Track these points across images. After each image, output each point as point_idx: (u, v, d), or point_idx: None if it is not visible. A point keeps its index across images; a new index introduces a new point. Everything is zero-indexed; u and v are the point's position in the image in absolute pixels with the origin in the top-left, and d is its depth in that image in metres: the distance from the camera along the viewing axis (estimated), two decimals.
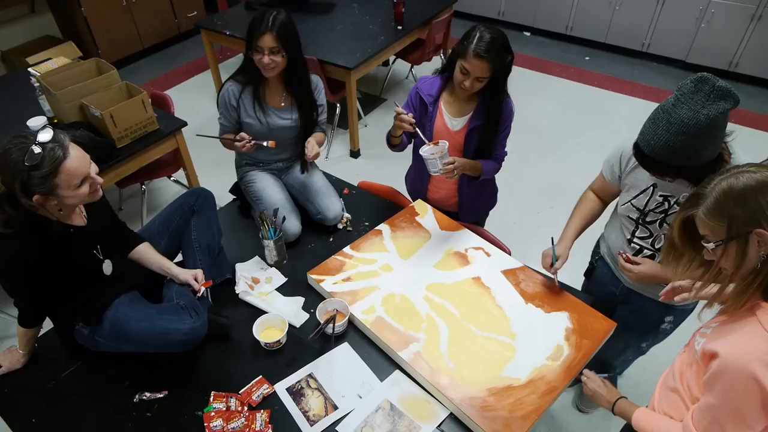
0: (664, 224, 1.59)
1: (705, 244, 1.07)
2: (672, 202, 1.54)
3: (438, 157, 1.83)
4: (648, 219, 1.62)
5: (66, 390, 1.62)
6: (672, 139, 1.28)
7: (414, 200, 2.25)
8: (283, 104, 2.13)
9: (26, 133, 1.33)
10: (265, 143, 2.03)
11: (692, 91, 1.26)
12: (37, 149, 1.29)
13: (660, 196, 1.56)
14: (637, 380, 2.46)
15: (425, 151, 1.86)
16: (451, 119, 1.98)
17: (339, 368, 1.65)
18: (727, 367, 1.04)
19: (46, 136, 1.32)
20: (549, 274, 1.82)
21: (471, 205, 2.21)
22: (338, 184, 2.37)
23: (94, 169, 1.44)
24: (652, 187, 1.57)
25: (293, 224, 2.07)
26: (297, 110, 2.14)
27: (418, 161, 2.09)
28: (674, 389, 1.27)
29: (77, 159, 1.36)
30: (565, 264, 1.76)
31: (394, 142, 2.04)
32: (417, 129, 1.89)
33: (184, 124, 2.90)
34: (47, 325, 1.67)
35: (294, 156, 2.26)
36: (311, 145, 2.11)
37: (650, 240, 1.65)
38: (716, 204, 1.02)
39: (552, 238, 1.79)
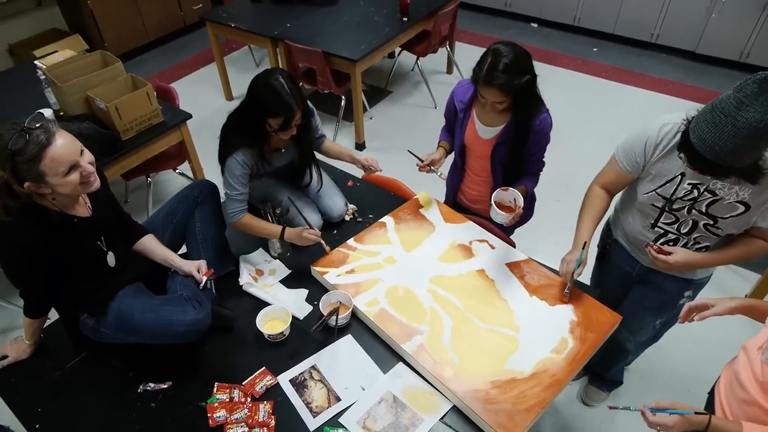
0: (693, 210, 1.55)
1: None
2: (702, 190, 1.50)
3: (509, 216, 1.81)
4: (675, 206, 1.58)
5: (71, 380, 1.64)
6: (740, 143, 1.24)
7: (449, 200, 2.24)
8: (284, 148, 2.02)
9: (22, 120, 1.33)
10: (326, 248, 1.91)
11: (757, 92, 1.21)
12: (21, 135, 1.29)
13: (689, 184, 1.52)
14: (642, 374, 2.45)
15: (498, 217, 1.82)
16: (483, 128, 1.93)
17: (342, 360, 1.65)
18: None
19: (32, 122, 1.31)
20: (558, 285, 1.77)
21: None
22: (342, 177, 2.37)
23: (87, 158, 1.42)
24: (680, 176, 1.53)
25: (313, 218, 2.03)
26: (296, 147, 2.03)
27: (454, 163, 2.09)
28: (749, 401, 1.25)
29: (63, 146, 1.34)
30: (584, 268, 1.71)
31: None
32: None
33: (189, 116, 2.90)
34: (53, 315, 1.68)
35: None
36: (364, 159, 2.11)
37: (676, 225, 1.62)
38: None
39: (585, 243, 1.69)
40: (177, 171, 3.35)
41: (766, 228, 1.50)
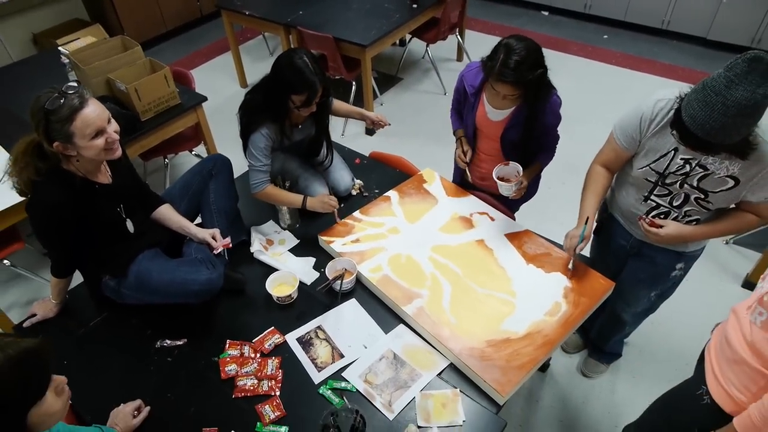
0: (685, 184, 1.59)
1: None
2: (694, 164, 1.54)
3: (514, 186, 1.92)
4: (668, 181, 1.62)
5: (94, 337, 1.76)
6: (729, 122, 1.27)
7: (456, 178, 2.33)
8: (301, 124, 2.11)
9: (54, 87, 1.45)
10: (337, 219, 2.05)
11: (746, 71, 1.25)
12: (58, 97, 1.41)
13: (681, 159, 1.56)
14: (641, 348, 2.51)
15: (504, 189, 1.94)
16: (493, 111, 1.97)
17: (346, 321, 1.75)
18: None
19: (68, 88, 1.44)
20: (564, 262, 1.83)
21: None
22: (350, 155, 2.46)
23: (113, 126, 1.54)
24: (673, 151, 1.57)
25: (321, 191, 2.13)
26: (313, 123, 2.13)
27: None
28: (738, 361, 1.29)
29: (93, 111, 1.46)
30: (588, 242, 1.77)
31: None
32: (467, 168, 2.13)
33: (205, 98, 3.02)
34: (76, 280, 1.80)
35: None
36: (374, 115, 2.24)
37: (668, 198, 1.66)
38: None
39: (587, 218, 1.75)
40: (193, 153, 3.47)
41: (755, 202, 1.54)
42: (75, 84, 1.47)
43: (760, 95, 1.24)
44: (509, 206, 2.23)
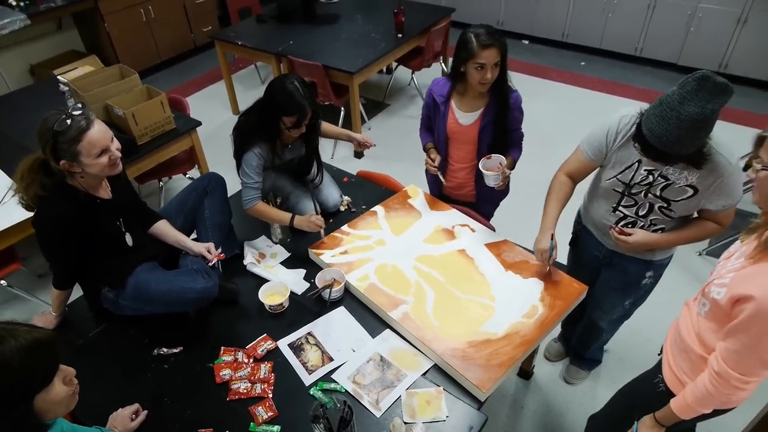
0: (649, 194, 1.72)
1: (755, 164, 1.21)
2: (656, 175, 1.68)
3: (500, 175, 2.09)
4: (633, 191, 1.75)
5: (93, 347, 1.83)
6: (684, 134, 1.42)
7: (433, 192, 2.47)
8: (292, 144, 2.24)
9: (65, 108, 1.57)
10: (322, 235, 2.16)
11: (696, 89, 1.39)
12: (66, 119, 1.53)
13: (645, 170, 1.69)
14: (620, 356, 2.60)
15: (491, 180, 2.10)
16: (463, 115, 2.16)
17: (335, 327, 1.84)
18: (764, 307, 1.16)
19: (75, 110, 1.56)
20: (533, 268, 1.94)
21: (487, 196, 2.35)
22: (338, 174, 2.58)
23: (116, 145, 1.66)
24: (637, 163, 1.70)
25: (310, 207, 2.25)
26: (303, 144, 2.27)
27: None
28: (687, 349, 1.42)
29: (99, 132, 1.58)
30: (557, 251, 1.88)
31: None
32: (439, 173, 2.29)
33: (199, 123, 3.15)
34: (75, 294, 1.88)
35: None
36: (360, 136, 2.39)
37: (634, 208, 1.79)
38: None
39: (552, 234, 1.85)
40: (187, 176, 3.57)
41: (714, 210, 1.67)
42: (80, 106, 1.58)
43: (709, 110, 1.39)
44: (486, 213, 2.39)
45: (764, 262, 1.20)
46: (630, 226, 1.83)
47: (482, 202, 2.40)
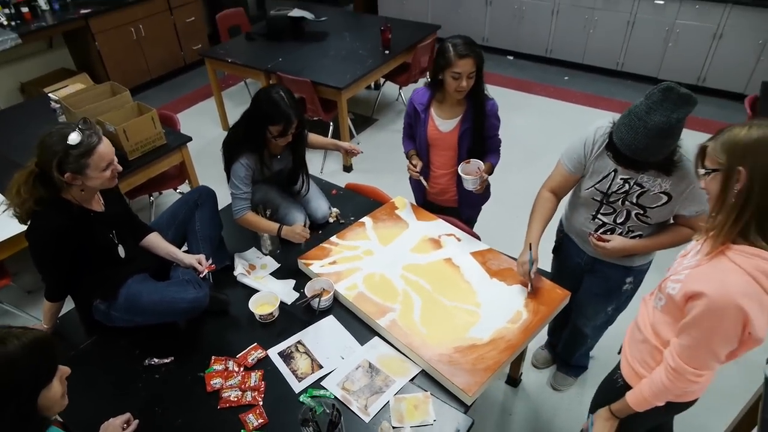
0: (626, 202, 1.79)
1: (699, 170, 1.28)
2: (632, 183, 1.75)
3: (479, 179, 2.16)
4: (611, 199, 1.82)
5: (85, 357, 1.85)
6: (651, 142, 1.50)
7: (418, 198, 2.53)
8: (280, 154, 2.29)
9: (67, 123, 1.62)
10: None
11: (661, 99, 1.47)
12: (79, 133, 1.59)
13: (621, 179, 1.76)
14: (606, 362, 2.64)
15: (469, 183, 2.17)
16: (443, 122, 2.24)
17: (324, 336, 1.87)
18: (715, 303, 1.22)
19: (84, 125, 1.62)
20: (519, 282, 1.99)
21: (468, 200, 2.41)
22: (327, 186, 2.63)
23: (115, 159, 1.71)
24: (613, 172, 1.78)
25: (300, 218, 2.29)
26: (291, 154, 2.32)
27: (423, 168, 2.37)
28: (643, 340, 1.49)
29: (107, 146, 1.67)
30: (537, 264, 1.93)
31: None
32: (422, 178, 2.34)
33: (189, 138, 3.20)
34: (67, 307, 1.90)
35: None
36: (347, 144, 2.46)
37: (612, 216, 1.85)
38: (724, 141, 1.21)
39: (530, 245, 1.91)
40: (177, 191, 3.61)
41: (687, 216, 1.74)
42: (85, 121, 1.63)
43: (675, 119, 1.47)
44: (468, 218, 2.48)
45: (716, 260, 1.26)
46: (609, 233, 1.90)
47: (465, 207, 2.47)
